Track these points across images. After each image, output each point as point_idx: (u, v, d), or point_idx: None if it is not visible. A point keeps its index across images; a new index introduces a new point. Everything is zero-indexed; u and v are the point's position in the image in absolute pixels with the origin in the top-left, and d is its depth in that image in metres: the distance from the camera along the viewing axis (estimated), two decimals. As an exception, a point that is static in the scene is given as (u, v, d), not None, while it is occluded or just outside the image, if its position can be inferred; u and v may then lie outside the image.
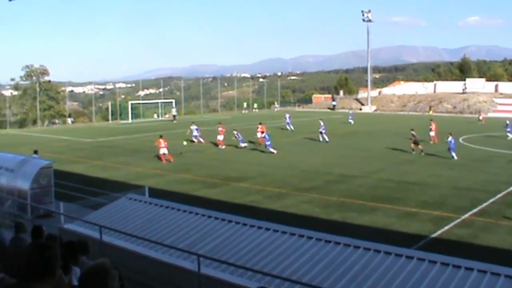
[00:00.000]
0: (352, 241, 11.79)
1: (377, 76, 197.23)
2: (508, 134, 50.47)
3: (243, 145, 44.40)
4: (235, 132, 45.63)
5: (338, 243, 11.76)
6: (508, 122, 51.55)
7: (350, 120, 70.67)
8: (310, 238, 12.23)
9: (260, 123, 49.93)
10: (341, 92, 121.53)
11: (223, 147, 45.88)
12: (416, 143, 40.21)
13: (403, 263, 10.44)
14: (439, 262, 10.24)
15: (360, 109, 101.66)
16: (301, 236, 12.41)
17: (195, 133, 48.85)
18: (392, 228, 20.23)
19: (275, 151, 40.75)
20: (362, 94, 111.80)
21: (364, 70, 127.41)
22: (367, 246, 11.39)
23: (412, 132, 41.26)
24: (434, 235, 19.22)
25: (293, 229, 12.94)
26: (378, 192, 26.50)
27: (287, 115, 64.47)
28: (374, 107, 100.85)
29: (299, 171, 32.63)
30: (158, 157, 38.86)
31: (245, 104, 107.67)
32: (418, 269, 10.14)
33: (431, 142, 46.13)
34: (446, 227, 20.13)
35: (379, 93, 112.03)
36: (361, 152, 40.24)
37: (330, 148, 43.79)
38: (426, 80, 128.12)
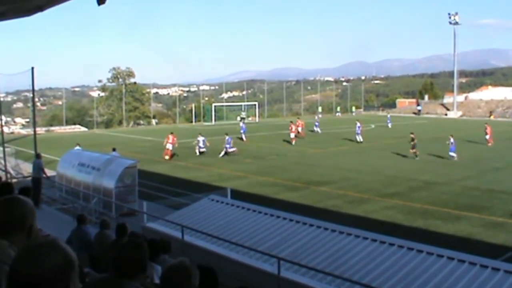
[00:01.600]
0: (436, 250, 11.56)
1: (463, 80, 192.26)
2: None
3: (231, 150, 43.30)
4: (227, 138, 43.62)
5: (420, 251, 11.55)
6: None
7: (388, 124, 70.76)
8: (392, 245, 12.06)
9: (292, 122, 53.34)
10: (426, 97, 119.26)
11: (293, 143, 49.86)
12: (413, 147, 40.70)
13: (489, 275, 10.15)
14: (528, 274, 9.91)
15: (446, 115, 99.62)
16: (383, 242, 12.25)
17: (200, 144, 44.35)
18: (478, 237, 19.62)
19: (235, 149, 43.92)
20: (447, 99, 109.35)
21: (450, 74, 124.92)
22: (451, 255, 11.13)
23: (412, 135, 41.48)
24: (522, 247, 18.57)
25: (375, 235, 12.80)
26: (463, 200, 25.80)
27: (316, 121, 66.71)
28: (460, 113, 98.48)
29: (382, 176, 32.20)
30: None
31: (320, 109, 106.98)
32: (505, 281, 9.83)
33: (489, 144, 48.65)
34: (536, 238, 19.43)
35: (466, 98, 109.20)
36: (446, 159, 39.36)
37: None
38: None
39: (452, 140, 39.97)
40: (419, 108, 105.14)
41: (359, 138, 51.61)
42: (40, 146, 30.81)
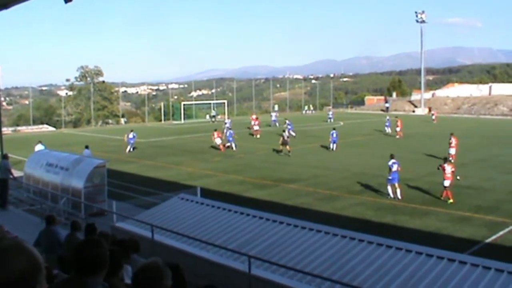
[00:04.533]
0: (404, 245, 11.66)
1: (430, 78, 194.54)
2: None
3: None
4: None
5: (389, 247, 11.64)
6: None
7: (330, 119, 75.56)
8: (361, 241, 12.14)
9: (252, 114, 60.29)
10: (394, 94, 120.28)
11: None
12: (284, 144, 42.27)
13: (456, 269, 10.27)
14: (493, 268, 10.04)
15: (413, 111, 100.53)
16: (352, 238, 12.33)
17: (131, 140, 46.66)
18: (445, 232, 19.87)
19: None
20: (415, 96, 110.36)
21: (418, 72, 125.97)
22: (419, 250, 11.25)
23: (283, 133, 43.91)
24: (488, 240, 18.81)
25: (344, 232, 12.87)
26: (431, 195, 26.09)
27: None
28: (427, 110, 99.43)
29: (351, 173, 32.37)
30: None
31: (276, 107, 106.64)
32: (471, 275, 9.95)
33: (397, 137, 53.45)
34: (501, 233, 19.68)
35: (433, 95, 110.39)
36: (414, 155, 39.67)
37: (383, 150, 43.30)
38: (481, 82, 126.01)
39: (334, 132, 44.50)
40: (387, 105, 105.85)
41: (292, 134, 53.67)
42: (6, 146, 30.38)
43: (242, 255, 12.04)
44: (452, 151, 37.14)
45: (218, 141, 45.15)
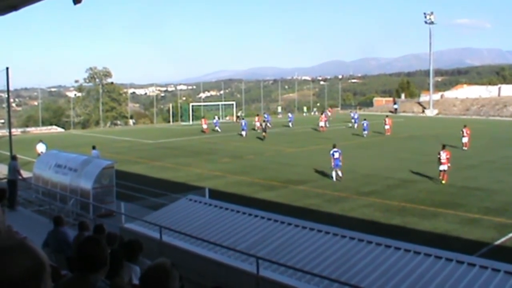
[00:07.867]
0: (413, 247, 11.60)
1: (439, 79, 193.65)
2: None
3: None
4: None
5: (398, 249, 11.58)
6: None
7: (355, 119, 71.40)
8: (370, 242, 12.08)
9: (258, 115, 70.62)
10: (403, 95, 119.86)
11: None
12: (264, 130, 55.38)
13: (465, 271, 10.21)
14: (503, 270, 9.97)
15: (423, 112, 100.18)
16: (361, 240, 12.28)
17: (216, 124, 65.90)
18: (454, 234, 19.79)
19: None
20: (424, 98, 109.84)
21: (426, 73, 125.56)
22: (428, 252, 11.19)
23: (263, 123, 56.70)
24: (497, 242, 18.72)
25: (353, 233, 12.81)
26: (439, 197, 25.99)
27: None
28: (436, 111, 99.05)
29: (359, 175, 32.24)
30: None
31: (279, 108, 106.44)
32: (480, 277, 9.89)
33: (387, 134, 58.19)
34: (510, 235, 19.55)
35: (441, 96, 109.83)
36: (422, 157, 39.51)
37: (391, 152, 43.27)
38: (490, 83, 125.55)
39: (365, 122, 56.97)
40: (395, 106, 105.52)
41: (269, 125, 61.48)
42: (15, 147, 30.52)
43: (250, 257, 12.02)
44: (465, 139, 43.96)
45: (204, 126, 63.60)
